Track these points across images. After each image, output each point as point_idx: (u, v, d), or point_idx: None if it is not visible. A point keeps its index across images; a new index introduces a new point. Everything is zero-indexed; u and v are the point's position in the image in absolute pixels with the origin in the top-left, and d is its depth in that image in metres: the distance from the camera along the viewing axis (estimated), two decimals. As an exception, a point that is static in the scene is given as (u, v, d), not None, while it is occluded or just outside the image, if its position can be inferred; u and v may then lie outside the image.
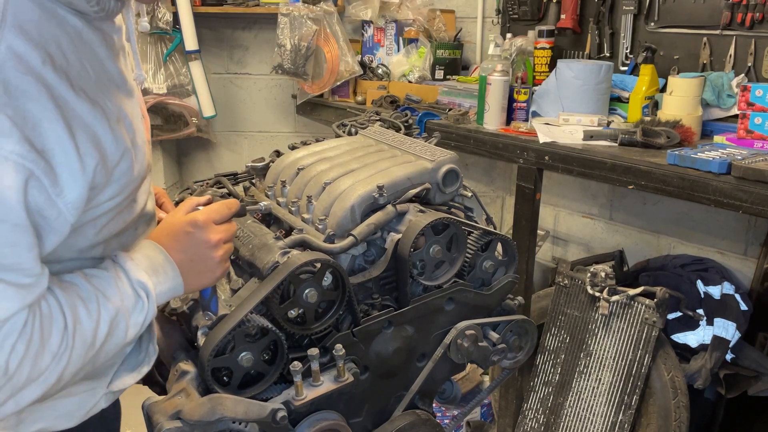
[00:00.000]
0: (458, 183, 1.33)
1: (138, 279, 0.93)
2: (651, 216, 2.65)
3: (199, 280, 1.01)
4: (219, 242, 1.01)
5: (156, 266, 0.96)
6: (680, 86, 2.10)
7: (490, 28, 3.12)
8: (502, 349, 1.31)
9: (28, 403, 0.84)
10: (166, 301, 1.00)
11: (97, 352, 0.89)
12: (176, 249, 0.98)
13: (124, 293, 0.92)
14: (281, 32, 3.08)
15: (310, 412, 1.10)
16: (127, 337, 0.93)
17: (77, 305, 0.87)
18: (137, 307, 0.93)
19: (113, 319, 0.90)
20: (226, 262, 1.03)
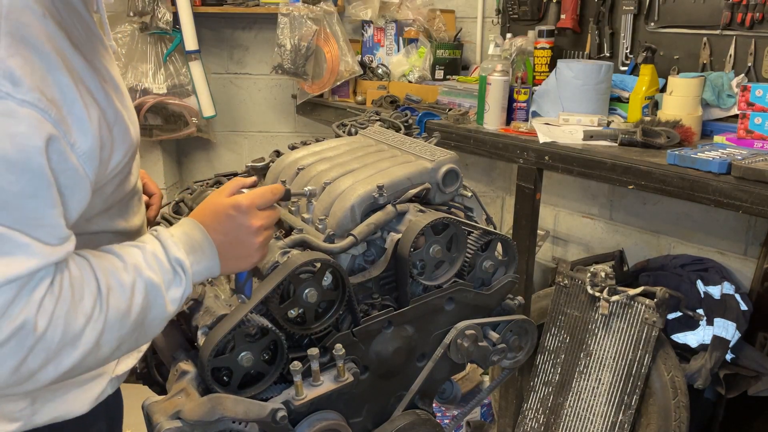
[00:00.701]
0: (458, 183, 1.33)
1: (175, 256, 0.93)
2: (651, 216, 2.65)
3: (236, 263, 1.00)
4: (260, 228, 0.99)
5: (194, 245, 0.96)
6: (680, 86, 2.10)
7: (490, 28, 3.12)
8: (502, 349, 1.31)
9: (68, 369, 0.82)
10: (203, 280, 0.99)
11: (135, 322, 0.88)
12: (217, 230, 0.97)
13: (161, 267, 0.91)
14: (281, 32, 3.08)
15: (310, 412, 1.10)
16: (167, 311, 0.92)
17: (110, 272, 0.86)
18: (174, 282, 0.93)
19: (149, 291, 0.89)
20: (265, 248, 1.02)
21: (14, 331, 0.75)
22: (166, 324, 0.95)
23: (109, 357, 0.89)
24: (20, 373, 0.78)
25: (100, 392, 1.05)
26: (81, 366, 0.85)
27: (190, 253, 0.95)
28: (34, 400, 0.97)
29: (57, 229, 0.80)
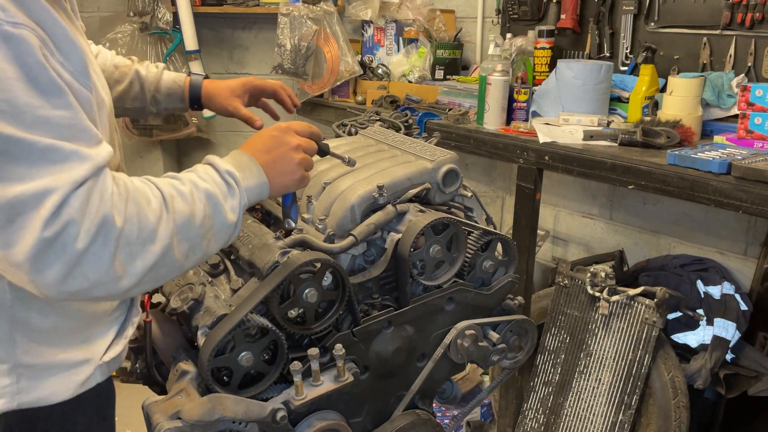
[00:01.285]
0: (458, 183, 1.33)
1: (226, 169, 1.00)
2: (651, 216, 2.65)
3: (281, 179, 1.07)
4: (299, 147, 1.08)
5: (242, 164, 1.03)
6: (680, 86, 2.10)
7: (490, 28, 3.12)
8: (502, 349, 1.31)
9: (153, 263, 0.87)
10: (256, 200, 1.05)
11: (201, 227, 0.94)
12: (261, 150, 1.06)
13: (215, 180, 0.98)
14: (281, 32, 3.08)
15: (310, 412, 1.10)
16: (228, 219, 0.97)
17: (169, 184, 0.93)
18: (230, 193, 0.99)
19: (208, 200, 0.95)
20: (305, 169, 1.10)
21: (98, 227, 0.81)
22: (231, 234, 1.00)
23: (183, 263, 0.93)
24: (115, 269, 0.84)
25: (86, 378, 1.05)
26: (164, 264, 0.90)
27: (240, 170, 1.01)
28: (19, 378, 0.98)
29: (91, 131, 0.86)
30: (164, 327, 1.20)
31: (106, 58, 1.42)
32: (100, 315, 1.07)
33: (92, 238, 0.81)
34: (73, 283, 0.81)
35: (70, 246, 0.79)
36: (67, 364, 1.02)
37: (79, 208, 0.80)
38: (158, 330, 1.19)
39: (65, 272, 0.80)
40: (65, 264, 0.80)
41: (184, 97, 1.43)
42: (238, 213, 0.99)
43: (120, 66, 1.41)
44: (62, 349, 1.02)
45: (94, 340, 1.06)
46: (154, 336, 1.19)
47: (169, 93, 1.42)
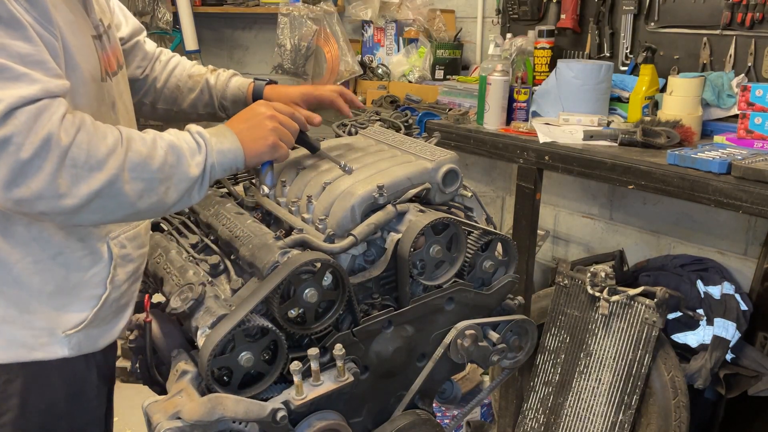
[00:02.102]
0: (458, 183, 1.33)
1: (197, 130, 1.07)
2: (651, 216, 2.65)
3: (254, 145, 1.12)
4: (273, 117, 1.15)
5: (216, 131, 1.10)
6: (680, 86, 2.10)
7: (490, 28, 3.12)
8: (502, 349, 1.31)
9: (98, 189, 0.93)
10: (231, 165, 1.10)
11: (159, 171, 0.99)
12: (237, 120, 1.15)
13: (182, 136, 1.05)
14: (281, 32, 3.08)
15: (310, 412, 1.10)
16: (191, 171, 1.03)
17: (134, 131, 1.00)
18: (197, 149, 1.05)
19: (171, 148, 1.01)
20: (281, 138, 1.16)
21: (41, 143, 0.88)
22: (192, 188, 1.05)
23: (137, 202, 0.98)
24: (58, 184, 0.90)
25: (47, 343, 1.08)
26: (112, 195, 0.95)
27: (213, 135, 1.08)
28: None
29: (48, 65, 0.92)
30: (164, 327, 1.20)
31: (184, 68, 1.51)
32: (72, 286, 1.09)
33: (36, 150, 0.87)
34: (17, 191, 0.89)
35: (14, 153, 0.87)
36: (28, 325, 1.06)
37: (25, 122, 0.87)
38: (158, 330, 1.19)
39: (9, 178, 0.88)
40: (9, 170, 0.87)
41: (248, 103, 1.47)
42: (203, 169, 1.04)
43: (194, 75, 1.51)
44: (26, 309, 1.06)
45: (64, 312, 1.09)
46: (154, 336, 1.19)
47: (234, 99, 1.49)
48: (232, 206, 1.34)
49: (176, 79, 1.49)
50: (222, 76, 1.50)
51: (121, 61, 1.24)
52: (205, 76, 1.49)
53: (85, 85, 1.04)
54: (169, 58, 1.52)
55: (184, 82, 1.49)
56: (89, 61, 1.05)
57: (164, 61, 1.50)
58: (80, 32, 1.04)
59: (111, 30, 1.20)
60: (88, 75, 1.05)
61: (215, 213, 1.33)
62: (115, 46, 1.20)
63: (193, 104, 1.50)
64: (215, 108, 1.51)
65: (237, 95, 1.49)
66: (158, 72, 1.48)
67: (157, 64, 1.49)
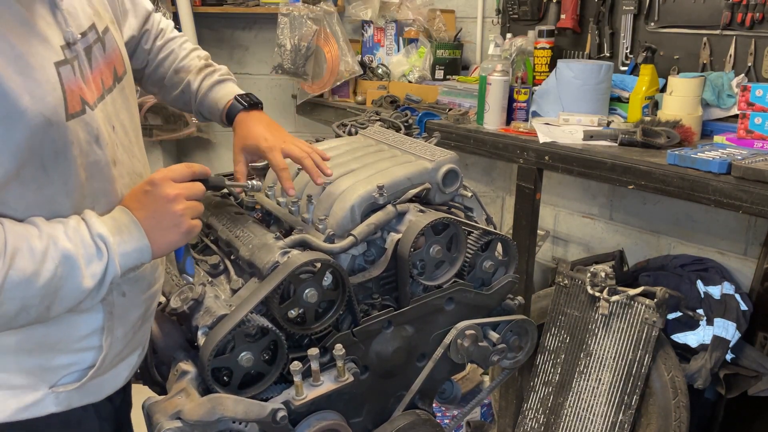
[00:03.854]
0: (458, 183, 1.33)
1: (98, 231, 0.92)
2: (651, 216, 2.65)
3: (165, 237, 0.99)
4: (178, 197, 0.99)
5: (120, 226, 0.96)
6: (680, 86, 2.10)
7: (490, 28, 3.12)
8: (502, 349, 1.31)
9: None
10: (137, 264, 0.97)
11: (44, 288, 0.87)
12: (137, 208, 0.98)
13: (82, 241, 0.91)
14: (281, 32, 3.08)
15: (310, 412, 1.10)
16: (84, 284, 0.90)
17: (22, 236, 0.86)
18: (96, 257, 0.91)
19: (64, 261, 0.88)
20: (191, 219, 1.01)
21: None
22: (83, 299, 0.93)
23: (13, 318, 0.87)
24: None
25: (30, 403, 1.00)
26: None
27: (117, 234, 0.94)
28: None
29: None
30: (164, 327, 1.20)
31: (176, 59, 1.39)
32: (57, 340, 1.00)
33: None
34: None
35: None
36: (8, 384, 0.98)
37: None
38: (158, 330, 1.19)
39: None
40: None
41: (222, 119, 1.38)
42: (99, 279, 0.92)
43: (180, 71, 1.39)
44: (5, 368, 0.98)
45: (49, 368, 1.01)
46: (154, 336, 1.19)
47: (210, 111, 1.39)
48: (232, 206, 1.34)
49: (163, 71, 1.38)
50: (205, 83, 1.37)
51: (121, 71, 1.10)
52: (188, 77, 1.37)
53: (34, 132, 0.86)
54: (164, 42, 1.38)
55: (169, 77, 1.38)
56: (46, 101, 0.87)
57: (159, 46, 1.37)
58: (34, 66, 0.86)
59: (108, 35, 1.06)
60: (40, 120, 0.86)
61: (215, 213, 1.33)
62: (111, 55, 1.06)
63: (174, 100, 1.41)
64: (192, 110, 1.42)
65: (212, 109, 1.37)
66: (151, 57, 1.37)
67: (153, 50, 1.37)
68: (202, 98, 1.38)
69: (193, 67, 1.39)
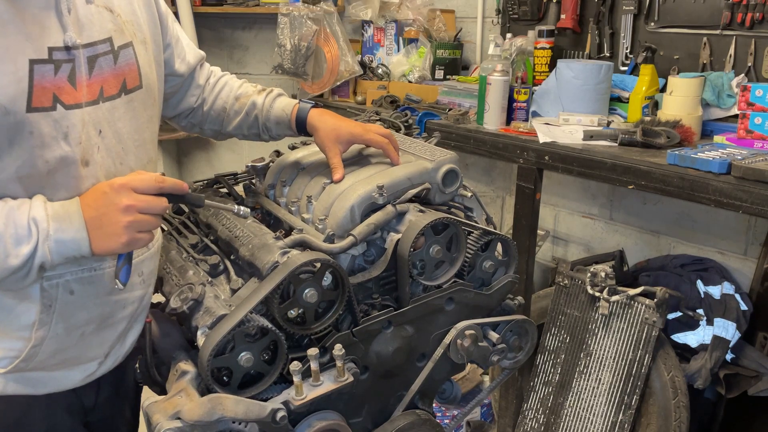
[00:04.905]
0: (458, 183, 1.33)
1: (33, 215, 0.95)
2: (651, 216, 2.65)
3: (104, 242, 0.99)
4: (130, 208, 0.98)
5: (64, 215, 0.98)
6: (680, 86, 2.10)
7: (490, 28, 3.12)
8: (502, 349, 1.31)
9: None
10: (74, 255, 0.99)
11: None
12: (90, 206, 0.99)
13: (15, 222, 0.94)
14: (281, 32, 3.08)
15: (310, 412, 1.10)
16: (8, 263, 0.94)
17: None
18: (25, 238, 0.94)
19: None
20: (137, 232, 1.00)
21: None
22: (15, 277, 0.96)
23: None
24: None
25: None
26: None
27: (55, 221, 0.96)
28: None
29: None
30: (164, 327, 1.20)
31: (231, 89, 1.45)
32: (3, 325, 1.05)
33: None
34: None
35: None
36: None
37: None
38: (158, 330, 1.19)
39: None
40: None
41: (291, 126, 1.40)
42: (25, 260, 0.94)
43: (240, 98, 1.44)
44: None
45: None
46: (154, 336, 1.19)
47: (278, 121, 1.41)
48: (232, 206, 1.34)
49: (222, 102, 1.44)
50: (268, 98, 1.42)
51: (133, 84, 1.13)
52: (251, 98, 1.43)
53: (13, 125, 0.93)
54: (217, 79, 1.46)
55: (231, 104, 1.43)
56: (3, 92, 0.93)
57: (212, 83, 1.45)
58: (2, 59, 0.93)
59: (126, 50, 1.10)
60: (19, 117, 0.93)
61: (215, 213, 1.33)
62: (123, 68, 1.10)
63: (238, 126, 1.44)
64: (259, 129, 1.44)
65: (280, 117, 1.40)
66: (206, 95, 1.44)
67: (207, 88, 1.44)
68: (268, 112, 1.42)
69: (251, 91, 1.46)
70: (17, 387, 1.09)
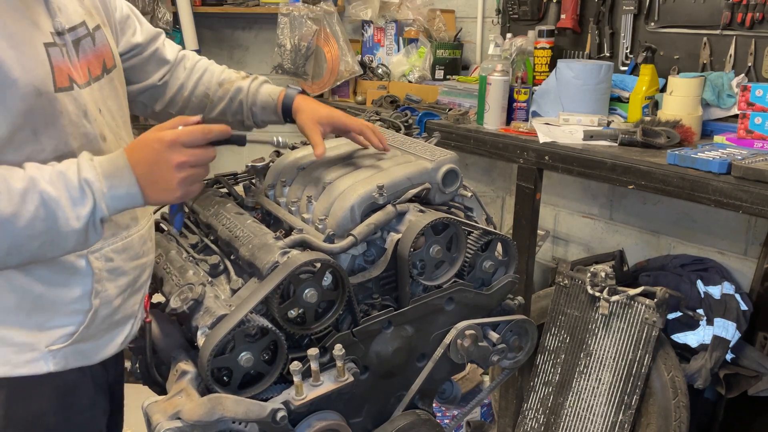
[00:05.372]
0: (458, 183, 1.33)
1: (85, 177, 0.96)
2: (651, 216, 2.65)
3: (158, 195, 1.01)
4: (183, 165, 1.00)
5: (115, 171, 0.98)
6: (680, 86, 2.10)
7: (490, 28, 3.12)
8: (502, 349, 1.31)
9: None
10: (127, 208, 1.01)
11: (29, 228, 0.91)
12: (139, 162, 0.99)
13: (67, 184, 0.95)
14: (281, 32, 3.08)
15: (310, 412, 1.10)
16: (70, 224, 0.95)
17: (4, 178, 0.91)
18: (81, 199, 0.95)
19: (45, 202, 0.92)
20: (191, 185, 1.03)
21: None
22: (78, 240, 0.97)
23: (6, 258, 0.93)
24: None
25: (30, 359, 1.05)
26: None
27: (108, 178, 0.98)
28: None
29: None
30: (164, 327, 1.20)
31: (213, 75, 1.45)
32: (51, 302, 1.06)
33: None
34: None
35: None
36: (8, 341, 1.03)
37: None
38: (158, 330, 1.19)
39: None
40: None
41: (277, 111, 1.42)
42: (87, 221, 0.96)
43: (224, 83, 1.44)
44: (5, 326, 1.03)
45: (46, 328, 1.06)
46: (154, 336, 1.19)
47: (264, 106, 1.43)
48: (232, 206, 1.34)
49: (204, 87, 1.43)
50: (254, 83, 1.45)
51: (110, 64, 1.16)
52: (235, 84, 1.43)
53: (25, 100, 0.95)
54: (194, 63, 1.45)
55: (214, 91, 1.43)
56: (35, 73, 0.97)
57: (189, 67, 1.44)
58: (22, 42, 0.96)
59: (98, 32, 1.14)
60: (30, 89, 0.95)
61: (215, 213, 1.33)
62: (100, 49, 1.13)
63: (221, 112, 1.44)
64: (243, 116, 1.45)
65: (267, 102, 1.42)
66: (183, 79, 1.42)
67: (180, 70, 1.42)
68: (254, 96, 1.44)
69: (235, 77, 1.47)
70: (74, 360, 1.10)
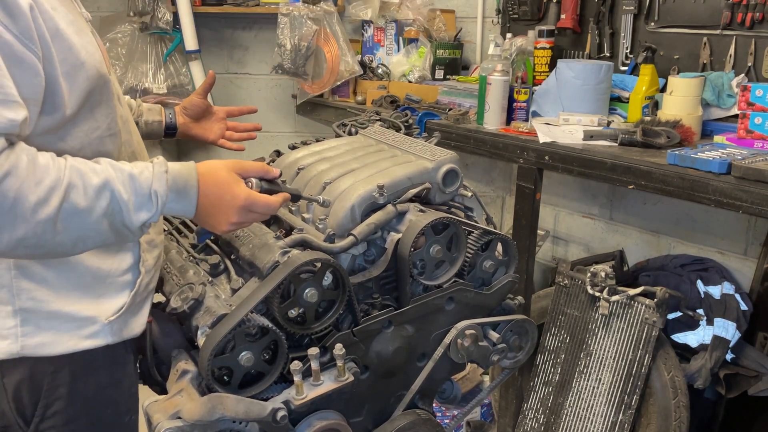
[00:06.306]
0: (458, 183, 1.34)
1: (156, 189, 1.00)
2: (651, 216, 2.65)
3: (206, 224, 1.09)
4: (242, 223, 1.07)
5: (183, 190, 1.03)
6: (680, 86, 2.10)
7: (490, 28, 3.12)
8: (502, 348, 1.31)
9: (21, 238, 0.89)
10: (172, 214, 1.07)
11: (97, 223, 0.95)
12: (207, 194, 1.05)
13: (137, 190, 0.99)
14: (281, 32, 3.08)
15: (311, 412, 1.10)
16: (130, 225, 0.99)
17: (80, 172, 0.94)
18: (145, 207, 1.00)
19: (113, 201, 0.97)
20: (238, 226, 1.09)
21: None
22: (131, 237, 1.02)
23: (72, 247, 0.97)
24: None
25: (90, 333, 1.07)
26: (41, 245, 0.92)
27: (174, 192, 1.02)
28: (23, 322, 1.03)
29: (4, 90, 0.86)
30: (164, 327, 1.20)
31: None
32: (106, 274, 1.09)
33: None
34: None
35: None
36: (72, 317, 1.06)
37: None
38: (158, 330, 1.19)
39: None
40: None
41: None
42: (141, 225, 1.01)
43: None
44: (68, 301, 1.05)
45: (103, 300, 1.09)
46: (154, 335, 1.19)
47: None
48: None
49: None
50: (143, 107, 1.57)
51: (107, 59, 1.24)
52: None
53: (90, 80, 1.01)
54: None
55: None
56: (96, 57, 1.03)
57: None
58: (81, 30, 1.02)
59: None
60: (94, 71, 1.01)
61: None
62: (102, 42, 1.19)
63: None
64: None
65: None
66: None
67: None
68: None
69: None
70: (126, 332, 1.13)
